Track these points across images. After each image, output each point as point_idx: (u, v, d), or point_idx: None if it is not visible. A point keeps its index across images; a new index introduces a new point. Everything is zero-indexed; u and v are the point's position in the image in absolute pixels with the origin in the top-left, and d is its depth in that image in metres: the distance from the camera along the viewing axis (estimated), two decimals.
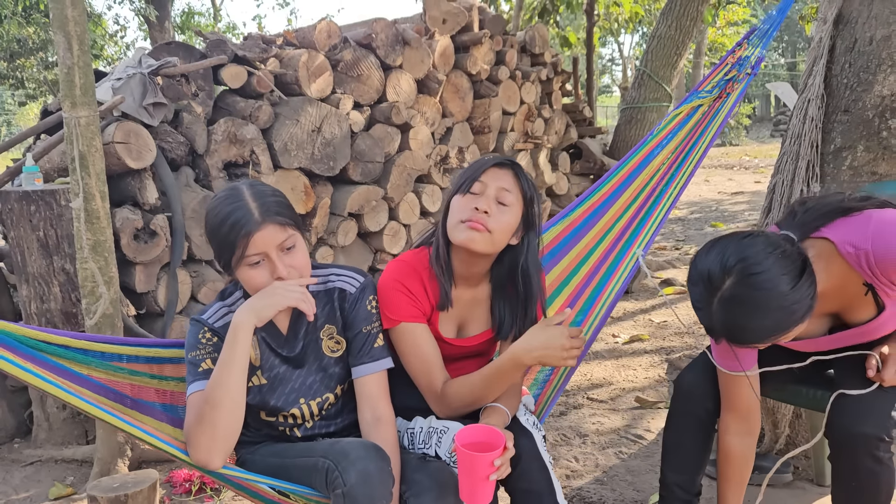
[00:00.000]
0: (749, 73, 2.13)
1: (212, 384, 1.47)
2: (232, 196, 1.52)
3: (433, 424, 1.66)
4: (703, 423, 1.85)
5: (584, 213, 2.10)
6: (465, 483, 1.46)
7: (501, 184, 1.63)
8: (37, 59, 17.02)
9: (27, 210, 2.72)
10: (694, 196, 10.40)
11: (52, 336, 1.58)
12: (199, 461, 1.46)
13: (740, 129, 25.06)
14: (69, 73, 2.35)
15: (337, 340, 1.66)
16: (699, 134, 2.15)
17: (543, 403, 2.08)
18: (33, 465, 2.86)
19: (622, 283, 2.12)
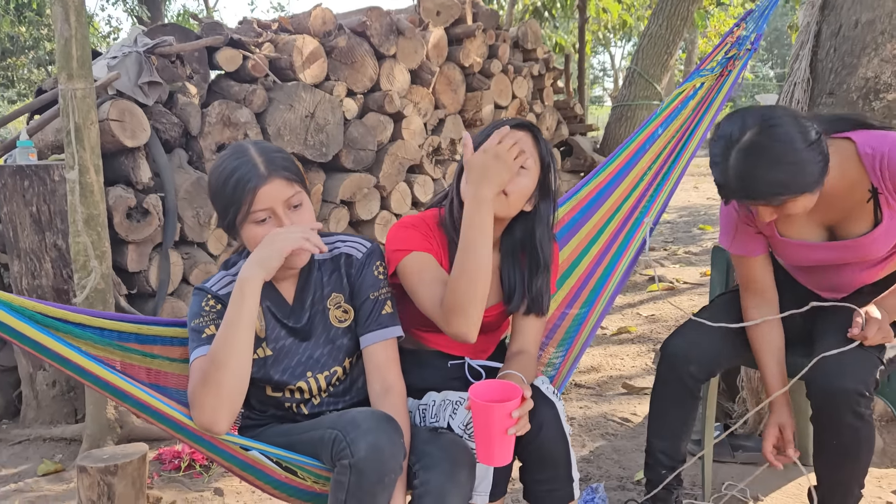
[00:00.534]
0: (749, 49, 2.16)
1: (217, 344, 1.41)
2: (237, 152, 1.48)
3: (448, 397, 1.59)
4: (688, 389, 1.87)
5: (591, 191, 2.11)
6: (482, 440, 1.38)
7: (520, 145, 1.55)
8: (28, 58, 16.97)
9: (20, 185, 2.72)
10: (683, 201, 10.48)
11: (49, 308, 1.53)
12: (204, 423, 1.39)
13: None
14: (66, 45, 2.36)
15: (345, 310, 1.60)
16: (704, 110, 2.18)
17: (559, 382, 2.08)
18: (21, 444, 2.86)
19: (633, 258, 2.13)
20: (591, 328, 2.08)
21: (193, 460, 2.59)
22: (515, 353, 1.66)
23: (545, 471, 1.55)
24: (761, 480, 2.34)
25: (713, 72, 2.17)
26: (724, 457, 2.45)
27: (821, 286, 1.92)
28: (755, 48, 2.16)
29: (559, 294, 2.06)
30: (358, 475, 1.33)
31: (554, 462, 1.54)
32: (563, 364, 2.07)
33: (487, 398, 1.39)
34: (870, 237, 1.71)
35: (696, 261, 6.00)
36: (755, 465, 2.44)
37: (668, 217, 8.88)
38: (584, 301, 2.08)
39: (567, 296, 2.07)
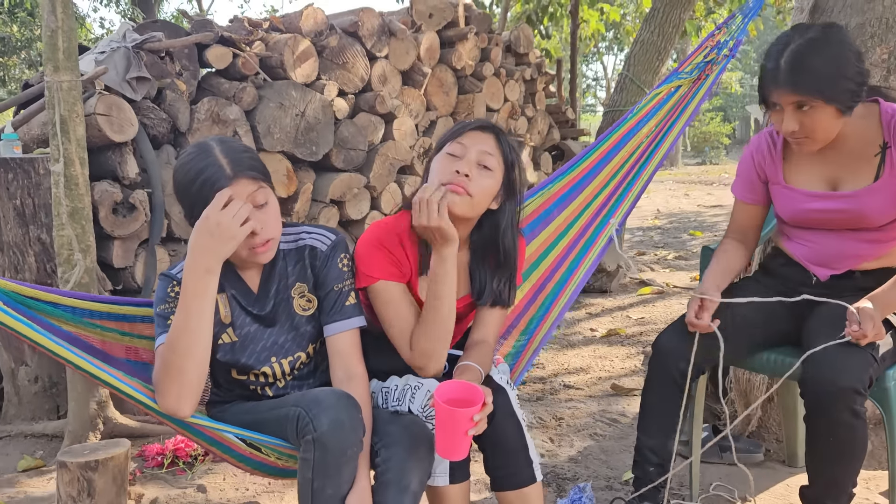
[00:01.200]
0: (727, 56, 2.18)
1: (176, 331, 1.42)
2: (203, 152, 1.47)
3: (409, 382, 1.65)
4: (677, 384, 1.87)
5: (564, 186, 2.13)
6: (443, 438, 1.45)
7: (483, 147, 1.62)
8: (20, 59, 16.90)
9: (4, 178, 2.69)
10: (674, 208, 10.52)
11: (23, 288, 1.56)
12: (168, 408, 1.44)
13: (720, 148, 25.42)
14: (52, 37, 2.34)
15: (308, 299, 1.65)
16: (678, 113, 2.20)
17: (518, 371, 2.10)
18: (2, 440, 2.82)
19: (597, 256, 2.16)
20: (553, 321, 2.11)
21: (177, 457, 2.56)
22: (476, 343, 1.72)
23: (502, 457, 1.59)
24: (749, 481, 2.33)
25: (690, 75, 2.18)
26: (711, 458, 2.44)
27: (817, 258, 1.92)
28: (734, 54, 2.17)
29: (524, 285, 2.10)
30: (322, 449, 1.39)
31: (510, 447, 1.59)
32: (523, 354, 2.10)
33: (451, 397, 1.46)
34: (867, 190, 1.79)
35: (686, 266, 6.02)
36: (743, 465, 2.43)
37: (658, 223, 8.91)
38: (548, 294, 2.11)
39: (532, 288, 2.11)
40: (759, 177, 1.99)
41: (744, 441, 2.52)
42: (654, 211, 10.11)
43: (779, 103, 1.75)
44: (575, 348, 3.91)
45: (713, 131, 24.74)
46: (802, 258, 1.96)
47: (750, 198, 2.02)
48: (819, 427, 1.68)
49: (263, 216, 1.49)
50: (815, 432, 1.70)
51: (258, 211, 1.48)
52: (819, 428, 1.68)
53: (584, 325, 4.35)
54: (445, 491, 1.58)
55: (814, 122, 1.72)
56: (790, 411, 2.42)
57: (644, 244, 7.33)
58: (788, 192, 1.92)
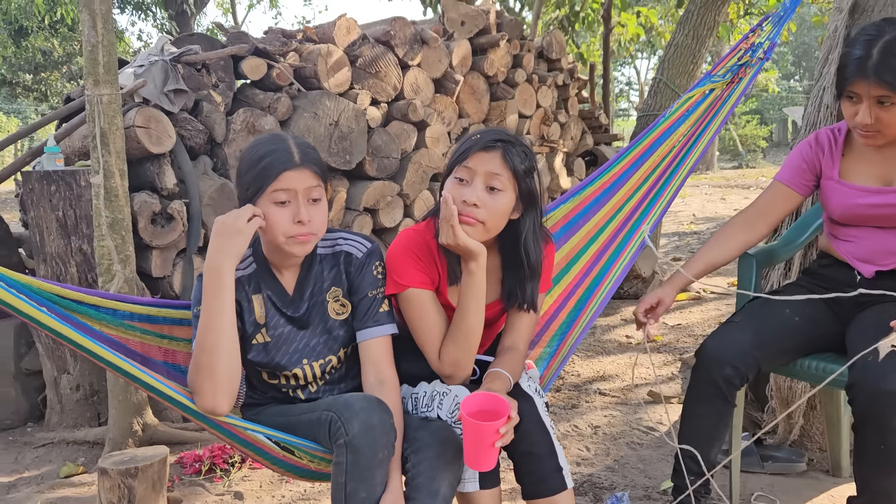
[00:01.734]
0: (761, 59, 2.14)
1: (202, 331, 1.47)
2: (276, 138, 1.58)
3: (437, 388, 1.66)
4: (721, 393, 1.84)
5: (595, 191, 2.11)
6: (471, 450, 1.47)
7: (489, 168, 1.58)
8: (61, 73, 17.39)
9: (47, 190, 2.76)
10: (710, 212, 10.36)
11: (67, 291, 1.60)
12: (206, 407, 1.47)
13: (757, 152, 24.98)
14: (93, 51, 2.40)
15: (342, 303, 1.68)
16: (711, 117, 2.16)
17: (548, 377, 2.08)
18: (45, 447, 2.88)
19: (628, 261, 2.13)
20: (583, 328, 2.09)
21: (214, 464, 2.59)
22: (506, 349, 1.72)
23: (531, 464, 1.59)
24: (792, 492, 2.28)
25: (724, 78, 2.14)
26: (752, 467, 2.39)
27: (864, 254, 1.90)
28: (768, 56, 2.13)
29: (554, 291, 2.08)
30: (354, 453, 1.42)
31: (538, 455, 1.58)
32: (553, 360, 2.08)
33: (477, 409, 1.48)
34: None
35: (724, 270, 5.91)
36: (785, 475, 2.38)
37: (695, 227, 8.79)
38: (578, 300, 2.09)
39: (562, 294, 2.09)
40: (811, 168, 1.97)
41: (786, 450, 2.46)
42: (690, 216, 9.97)
43: (859, 94, 1.73)
44: (610, 355, 3.86)
45: (749, 134, 24.32)
46: (848, 255, 1.94)
47: (793, 181, 2.00)
48: (868, 435, 1.63)
49: (314, 211, 1.55)
50: (863, 440, 1.65)
51: (311, 205, 1.54)
52: (868, 435, 1.63)
53: (620, 331, 4.30)
54: (476, 496, 1.58)
55: (891, 118, 1.71)
56: (834, 420, 2.36)
57: (680, 249, 7.23)
58: (841, 187, 1.91)
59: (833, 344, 1.95)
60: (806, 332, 1.89)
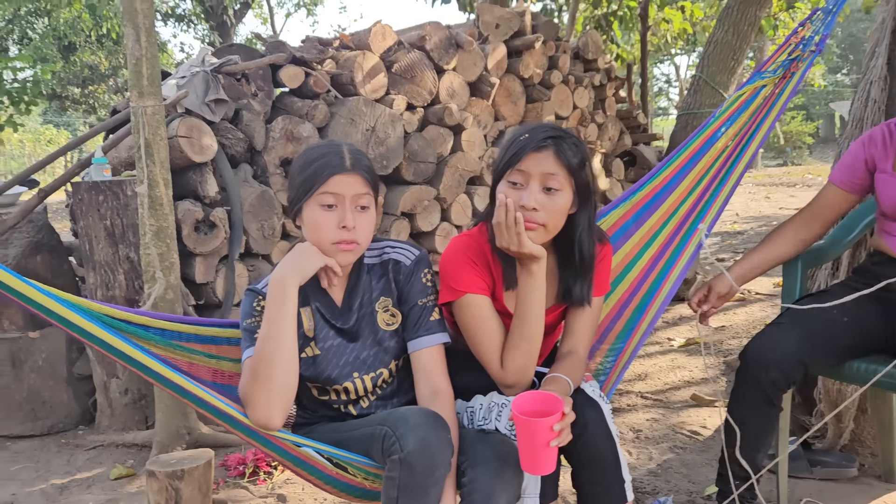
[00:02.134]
0: (813, 51, 2.08)
1: (262, 340, 1.46)
2: (331, 143, 1.58)
3: (494, 400, 1.61)
4: (766, 396, 1.80)
5: (646, 196, 2.06)
6: (526, 451, 1.41)
7: (544, 168, 1.53)
8: (108, 86, 17.89)
9: (96, 200, 2.84)
10: (755, 211, 10.15)
11: (115, 311, 1.62)
12: (259, 419, 1.44)
13: (803, 148, 24.37)
14: (137, 64, 2.46)
15: (392, 313, 1.64)
16: (764, 114, 2.11)
17: (609, 386, 2.04)
18: (95, 450, 2.96)
19: (686, 263, 2.07)
20: (642, 334, 2.03)
21: (258, 467, 2.63)
22: (565, 354, 1.67)
23: (593, 472, 1.53)
24: (842, 498, 2.22)
25: (775, 74, 2.09)
26: (801, 472, 2.33)
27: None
28: (820, 49, 2.08)
29: (611, 298, 2.02)
30: (408, 469, 1.35)
31: (602, 463, 1.52)
32: (613, 370, 2.04)
33: (530, 409, 1.42)
34: None
35: (769, 271, 5.78)
36: (835, 481, 2.32)
37: (739, 227, 8.62)
38: (636, 306, 2.03)
39: (619, 300, 2.03)
40: (866, 164, 1.98)
41: (835, 455, 2.39)
42: (733, 215, 9.78)
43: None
44: (652, 358, 3.81)
45: (795, 131, 23.74)
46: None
47: (846, 182, 2.01)
48: None
49: (361, 218, 1.53)
50: None
51: (358, 213, 1.53)
52: None
53: (661, 334, 4.24)
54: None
55: None
56: (886, 423, 2.29)
57: (724, 250, 7.09)
58: (894, 179, 1.89)
59: (884, 346, 1.89)
60: (855, 333, 1.84)
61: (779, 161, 23.94)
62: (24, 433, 3.10)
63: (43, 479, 2.70)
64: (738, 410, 1.87)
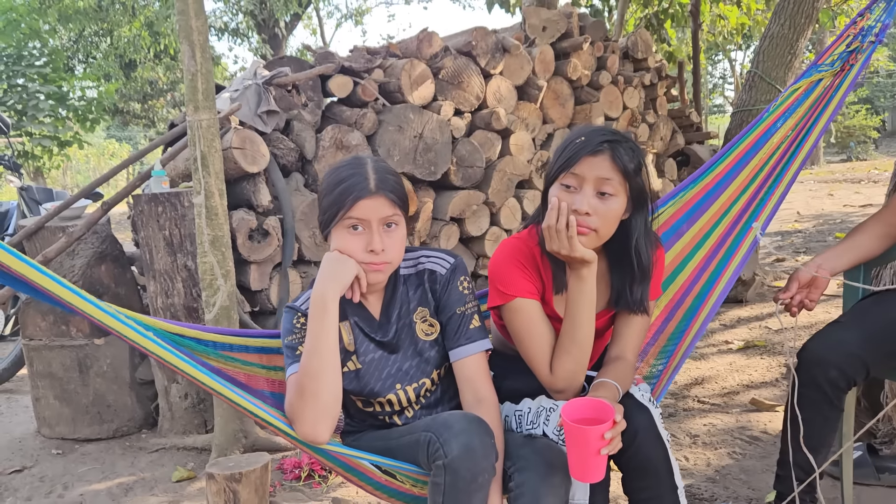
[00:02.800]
0: (873, 42, 2.00)
1: (307, 356, 1.47)
2: (355, 163, 1.55)
3: (542, 404, 1.60)
4: (826, 396, 1.75)
5: (697, 194, 2.00)
6: (575, 459, 1.39)
7: (599, 173, 1.50)
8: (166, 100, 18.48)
9: (155, 211, 2.94)
10: (816, 209, 9.82)
11: (170, 325, 1.67)
12: (306, 434, 1.44)
13: (868, 143, 23.47)
14: (193, 80, 2.54)
15: (430, 323, 1.63)
16: (821, 108, 2.03)
17: (659, 390, 2.01)
18: (158, 452, 3.06)
19: (740, 262, 2.02)
20: (693, 337, 1.98)
21: (313, 470, 2.67)
22: (614, 359, 1.64)
23: (645, 479, 1.50)
24: None
25: (833, 66, 2.01)
26: (867, 479, 2.25)
27: None
28: (880, 40, 1.99)
29: (662, 299, 1.98)
30: (452, 475, 1.35)
31: (653, 469, 1.49)
32: (664, 373, 1.99)
33: (579, 416, 1.39)
34: None
35: None
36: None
37: (800, 226, 8.36)
38: (688, 308, 1.98)
39: (670, 302, 1.99)
40: None
41: None
42: (794, 214, 9.49)
43: None
44: (709, 361, 3.73)
45: (859, 125, 22.88)
46: None
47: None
48: None
49: (389, 239, 1.52)
50: None
51: (386, 233, 1.51)
52: None
53: (719, 336, 4.14)
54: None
55: None
56: None
57: (784, 250, 6.88)
58: None
59: None
60: None
61: (842, 156, 23.10)
62: (91, 436, 3.22)
63: (108, 480, 2.80)
64: (797, 412, 1.82)
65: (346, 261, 1.50)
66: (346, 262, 1.50)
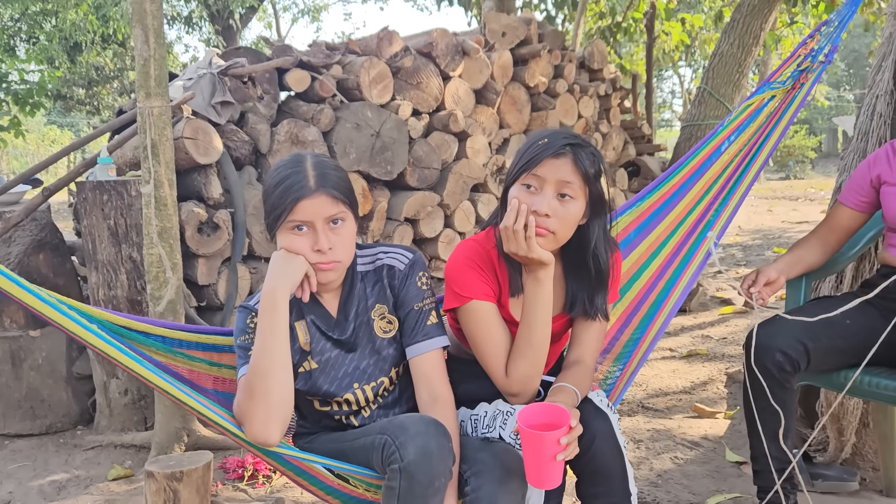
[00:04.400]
0: (822, 62, 2.08)
1: (257, 355, 1.43)
2: (293, 162, 1.49)
3: (499, 407, 1.59)
4: (777, 380, 1.83)
5: (653, 204, 2.04)
6: (531, 464, 1.38)
7: (560, 175, 1.50)
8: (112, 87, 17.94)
9: (100, 199, 2.84)
10: (756, 224, 10.15)
11: (116, 317, 1.61)
12: (256, 436, 1.40)
13: (806, 163, 24.38)
14: (145, 65, 2.47)
15: (389, 320, 1.60)
16: (773, 124, 2.10)
17: (615, 396, 2.03)
18: (94, 450, 2.95)
19: (695, 271, 2.06)
20: (649, 343, 2.02)
21: (256, 470, 2.62)
22: (572, 363, 1.64)
23: (600, 484, 1.51)
24: None
25: (784, 84, 2.09)
26: (802, 486, 2.32)
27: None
28: (829, 60, 2.08)
29: (619, 307, 2.01)
30: (408, 479, 1.33)
31: (609, 475, 1.50)
32: (620, 380, 2.02)
33: (536, 422, 1.39)
34: None
35: None
36: (836, 494, 2.31)
37: (740, 239, 8.62)
38: (644, 315, 2.01)
39: (626, 309, 2.01)
40: (872, 182, 2.05)
41: (836, 468, 2.38)
42: (735, 227, 9.78)
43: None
44: (653, 368, 3.80)
45: (798, 145, 23.75)
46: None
47: (854, 201, 2.09)
48: None
49: (336, 237, 1.48)
50: None
51: (332, 231, 1.47)
52: None
53: (663, 344, 4.23)
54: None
55: None
56: (888, 437, 2.28)
57: (725, 262, 7.09)
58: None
59: (887, 358, 1.89)
60: (858, 337, 1.85)
61: (781, 174, 23.94)
62: (23, 432, 3.09)
63: (40, 477, 2.69)
64: (753, 402, 1.89)
65: (294, 258, 1.47)
66: (295, 259, 1.47)
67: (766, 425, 1.87)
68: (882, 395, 1.90)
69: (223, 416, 1.44)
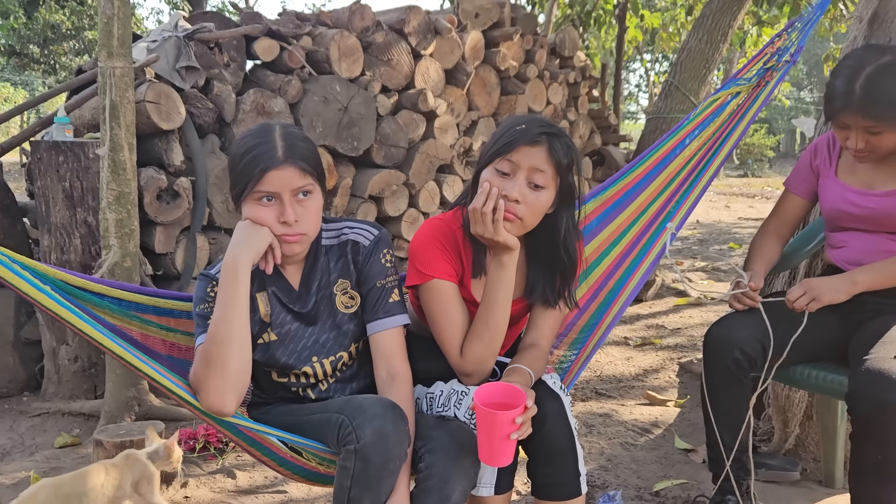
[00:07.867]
0: (788, 61, 2.13)
1: (216, 323, 1.42)
2: (262, 131, 1.48)
3: (455, 387, 1.61)
4: (734, 375, 1.87)
5: (617, 192, 2.06)
6: (485, 442, 1.40)
7: (534, 163, 1.51)
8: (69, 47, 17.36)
9: (55, 160, 2.76)
10: (713, 219, 10.36)
11: (71, 277, 1.57)
12: (212, 405, 1.39)
13: (764, 161, 24.92)
14: (108, 24, 2.39)
15: (351, 296, 1.60)
16: (737, 120, 2.14)
17: (569, 380, 2.06)
18: (40, 417, 2.89)
19: (653, 262, 2.10)
20: (605, 329, 2.05)
21: (208, 442, 2.59)
22: (528, 346, 1.67)
23: (551, 464, 1.53)
24: (783, 500, 2.28)
25: (750, 81, 2.13)
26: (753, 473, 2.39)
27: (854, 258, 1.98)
28: (794, 60, 2.12)
29: (577, 293, 2.03)
30: (363, 461, 1.34)
31: (560, 455, 1.53)
32: (574, 364, 2.06)
33: (491, 400, 1.41)
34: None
35: (725, 277, 5.92)
36: (777, 483, 2.38)
37: (697, 233, 8.79)
38: (601, 302, 2.05)
39: (585, 295, 2.04)
40: (813, 171, 2.09)
41: (779, 459, 2.46)
42: (693, 221, 9.97)
43: (848, 124, 1.80)
44: (607, 355, 3.87)
45: (757, 143, 24.25)
46: (840, 260, 1.99)
47: (800, 188, 2.13)
48: (867, 444, 1.64)
49: (302, 209, 1.47)
50: (861, 450, 1.66)
51: (299, 203, 1.47)
52: (866, 445, 1.64)
53: (618, 332, 4.30)
54: (488, 501, 1.54)
55: (881, 142, 1.79)
56: (830, 430, 2.36)
57: (682, 254, 7.23)
58: (834, 185, 2.01)
59: (838, 353, 1.96)
60: (813, 333, 1.90)
61: (740, 171, 24.43)
62: None
63: None
64: (711, 394, 1.95)
65: (259, 229, 1.46)
66: (259, 230, 1.46)
67: (721, 418, 1.92)
68: (827, 388, 1.97)
69: (176, 384, 1.43)
